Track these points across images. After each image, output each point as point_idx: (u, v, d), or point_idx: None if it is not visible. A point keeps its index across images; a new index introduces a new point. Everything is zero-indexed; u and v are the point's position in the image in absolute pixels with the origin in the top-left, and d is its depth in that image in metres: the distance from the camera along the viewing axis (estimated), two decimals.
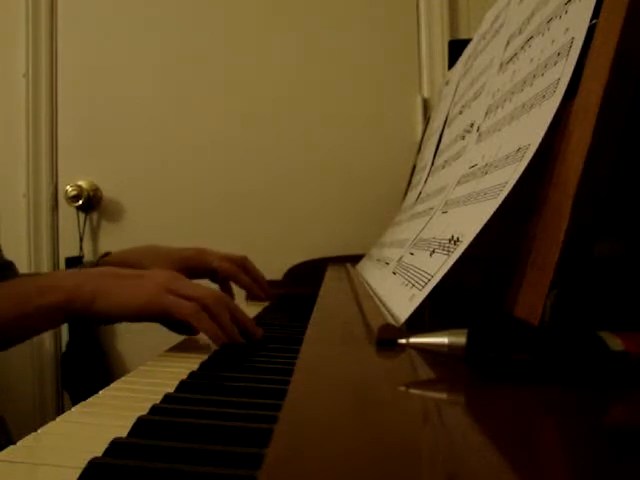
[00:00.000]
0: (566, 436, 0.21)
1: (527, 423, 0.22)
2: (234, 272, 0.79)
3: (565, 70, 0.35)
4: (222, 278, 0.78)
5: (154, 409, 0.36)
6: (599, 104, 0.31)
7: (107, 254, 0.86)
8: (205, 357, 0.53)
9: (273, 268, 1.34)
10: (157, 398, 0.38)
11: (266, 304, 1.05)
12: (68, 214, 1.49)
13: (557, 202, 0.34)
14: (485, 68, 0.59)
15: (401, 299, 0.41)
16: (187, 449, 0.28)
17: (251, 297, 0.80)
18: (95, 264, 0.83)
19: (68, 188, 1.46)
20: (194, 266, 0.81)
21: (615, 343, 0.26)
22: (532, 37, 0.44)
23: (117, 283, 0.58)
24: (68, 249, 1.49)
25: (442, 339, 0.28)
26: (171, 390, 0.41)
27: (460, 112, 0.67)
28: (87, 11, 1.52)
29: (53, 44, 1.51)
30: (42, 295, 0.56)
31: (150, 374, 0.51)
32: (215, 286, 0.85)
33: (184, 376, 0.45)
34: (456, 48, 0.96)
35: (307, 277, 1.29)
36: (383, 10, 1.48)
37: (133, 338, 1.46)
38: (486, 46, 0.64)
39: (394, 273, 0.53)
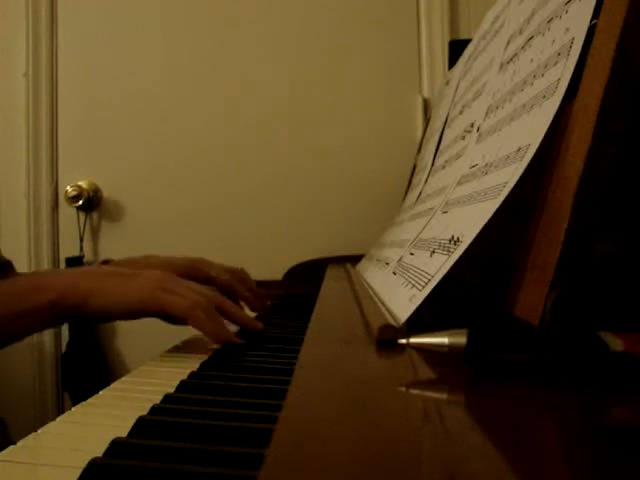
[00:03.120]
0: (566, 436, 0.21)
1: (527, 423, 0.22)
2: (233, 284, 0.80)
3: (565, 70, 0.35)
4: (220, 289, 0.79)
5: (154, 409, 0.36)
6: (599, 104, 0.31)
7: (107, 261, 0.86)
8: (205, 357, 0.53)
9: (273, 268, 1.34)
10: (157, 398, 0.38)
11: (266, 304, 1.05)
12: (68, 214, 1.49)
13: (557, 202, 0.34)
14: (485, 68, 0.59)
15: (401, 299, 0.41)
16: (187, 449, 0.28)
17: (250, 309, 0.81)
18: None
19: (68, 188, 1.46)
20: (193, 274, 0.82)
21: (615, 343, 0.26)
22: (532, 37, 0.44)
23: (111, 281, 0.58)
24: (68, 249, 1.49)
25: (442, 339, 0.28)
26: (171, 390, 0.41)
27: (460, 112, 0.67)
28: (87, 11, 1.52)
29: (53, 44, 1.51)
30: (36, 293, 0.56)
31: (150, 374, 0.51)
32: None
33: (184, 376, 0.44)
34: (456, 48, 0.96)
35: (307, 277, 1.29)
36: (383, 10, 1.48)
37: (133, 338, 1.46)
38: (486, 46, 0.64)
39: (394, 273, 0.53)
